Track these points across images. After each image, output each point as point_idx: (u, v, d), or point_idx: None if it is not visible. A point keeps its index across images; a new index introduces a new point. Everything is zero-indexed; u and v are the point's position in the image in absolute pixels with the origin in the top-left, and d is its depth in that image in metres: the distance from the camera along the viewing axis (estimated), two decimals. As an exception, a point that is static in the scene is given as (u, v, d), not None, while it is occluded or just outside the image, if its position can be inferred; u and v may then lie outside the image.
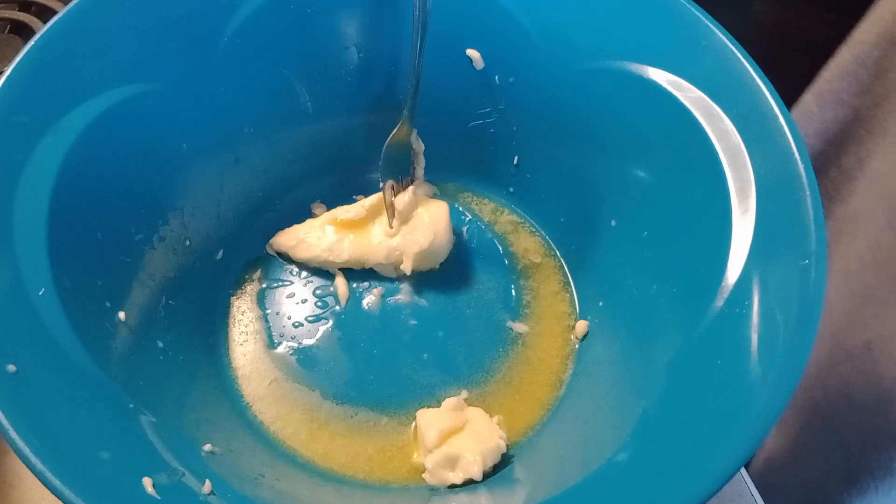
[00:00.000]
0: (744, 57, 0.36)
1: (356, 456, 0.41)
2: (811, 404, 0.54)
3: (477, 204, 0.51)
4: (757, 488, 0.42)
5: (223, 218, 0.47)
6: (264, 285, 0.48)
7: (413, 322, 0.46)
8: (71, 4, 0.38)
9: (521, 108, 0.46)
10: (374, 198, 0.47)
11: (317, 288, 0.48)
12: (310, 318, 0.46)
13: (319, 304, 0.47)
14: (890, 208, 0.50)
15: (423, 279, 0.48)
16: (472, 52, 0.45)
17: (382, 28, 0.46)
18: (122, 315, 0.38)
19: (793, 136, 0.34)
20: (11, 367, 0.30)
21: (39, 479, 0.28)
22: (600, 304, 0.45)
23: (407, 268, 0.46)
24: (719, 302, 0.34)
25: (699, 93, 0.37)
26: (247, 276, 0.48)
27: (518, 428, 0.42)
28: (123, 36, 0.39)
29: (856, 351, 0.52)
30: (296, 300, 0.47)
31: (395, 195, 0.47)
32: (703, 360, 0.34)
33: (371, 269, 0.48)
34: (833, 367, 0.53)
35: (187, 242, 0.44)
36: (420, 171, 0.50)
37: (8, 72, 0.35)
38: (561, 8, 0.42)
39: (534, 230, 0.50)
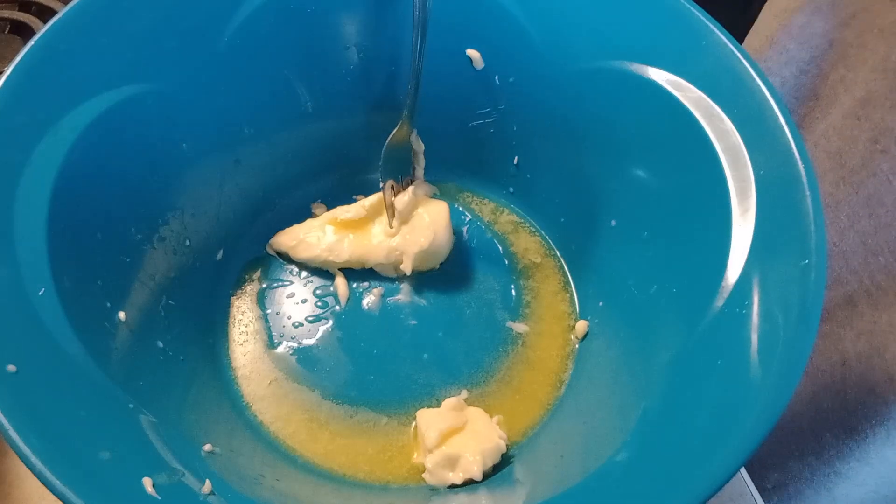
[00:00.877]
0: (744, 57, 0.36)
1: (356, 456, 0.41)
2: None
3: (477, 204, 0.51)
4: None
5: (223, 218, 0.47)
6: (264, 285, 0.48)
7: (413, 322, 0.46)
8: (71, 4, 0.38)
9: (521, 108, 0.46)
10: (374, 198, 0.47)
11: (317, 288, 0.48)
12: (310, 318, 0.46)
13: (319, 304, 0.47)
14: (839, 164, 0.50)
15: (423, 279, 0.48)
16: (472, 52, 0.45)
17: (382, 28, 0.46)
18: (122, 315, 0.38)
19: (793, 136, 0.34)
20: (11, 367, 0.30)
21: (39, 479, 0.28)
22: (600, 304, 0.45)
23: (407, 268, 0.46)
24: (719, 302, 0.34)
25: (699, 93, 0.37)
26: (247, 276, 0.48)
27: (518, 428, 0.42)
28: (124, 36, 0.39)
29: (835, 307, 0.52)
30: (296, 300, 0.47)
31: (395, 195, 0.47)
32: (703, 360, 0.34)
33: (371, 269, 0.48)
34: None
35: (187, 242, 0.44)
36: (420, 171, 0.50)
37: (8, 72, 0.35)
38: (561, 8, 0.42)
39: (534, 230, 0.50)
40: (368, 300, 0.47)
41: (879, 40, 0.45)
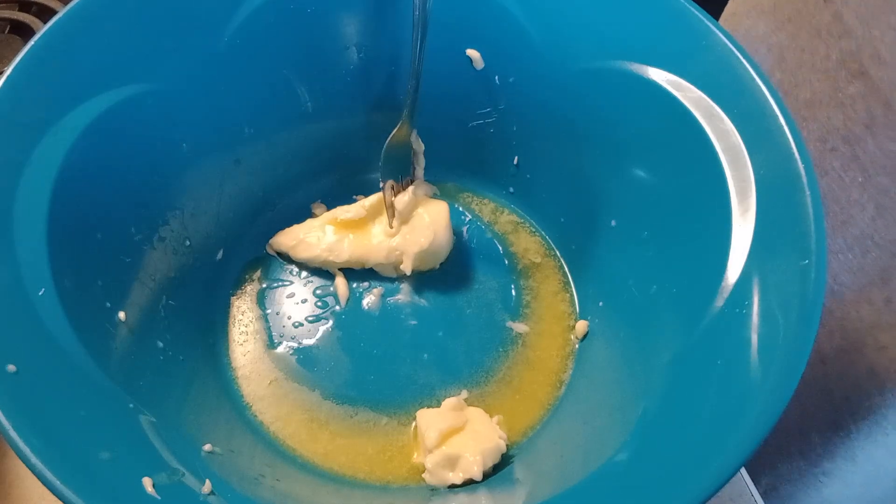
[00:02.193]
0: (744, 57, 0.36)
1: (356, 456, 0.41)
2: None
3: (477, 204, 0.51)
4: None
5: (223, 218, 0.47)
6: (264, 285, 0.48)
7: (413, 322, 0.46)
8: (71, 4, 0.38)
9: (521, 108, 0.46)
10: (374, 198, 0.47)
11: (317, 288, 0.48)
12: (310, 318, 0.46)
13: (319, 304, 0.47)
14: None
15: (423, 279, 0.48)
16: (472, 52, 0.45)
17: (382, 28, 0.46)
18: (122, 315, 0.38)
19: (793, 136, 0.34)
20: (11, 367, 0.30)
21: (39, 479, 0.28)
22: (600, 304, 0.45)
23: (407, 268, 0.46)
24: (719, 302, 0.34)
25: (699, 93, 0.37)
26: (247, 276, 0.48)
27: (518, 428, 0.42)
28: (123, 36, 0.39)
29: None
30: (296, 300, 0.47)
31: (395, 195, 0.47)
32: (703, 360, 0.34)
33: (371, 269, 0.48)
34: None
35: (187, 242, 0.44)
36: (420, 171, 0.50)
37: (8, 72, 0.35)
38: (561, 8, 0.42)
39: (534, 230, 0.50)
40: (368, 300, 0.47)
41: (817, 41, 0.45)
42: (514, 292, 0.47)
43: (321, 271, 0.48)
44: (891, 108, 0.41)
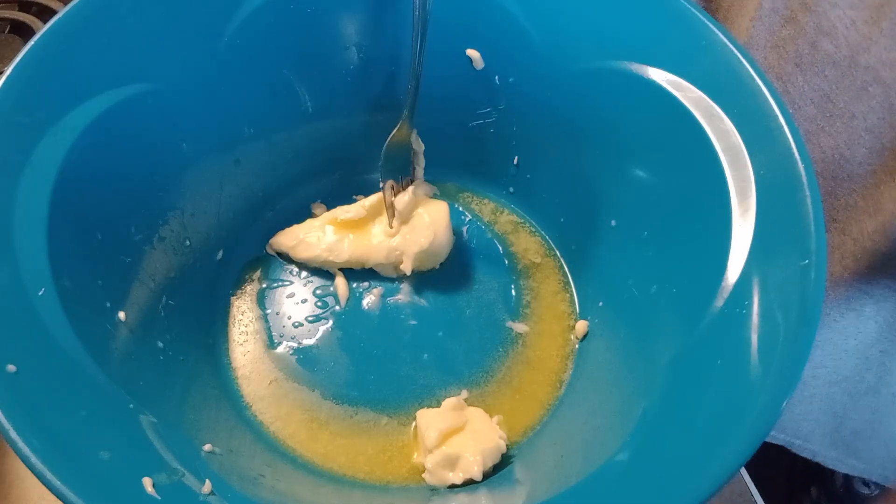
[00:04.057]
0: (744, 57, 0.36)
1: (356, 456, 0.41)
2: None
3: (477, 204, 0.51)
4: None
5: (223, 218, 0.47)
6: (264, 285, 0.48)
7: (413, 322, 0.46)
8: (71, 4, 0.38)
9: (521, 108, 0.46)
10: (374, 198, 0.47)
11: (317, 288, 0.48)
12: (310, 318, 0.46)
13: (319, 304, 0.47)
14: None
15: (423, 279, 0.48)
16: (472, 52, 0.45)
17: (382, 28, 0.46)
18: (122, 315, 0.38)
19: (793, 136, 0.34)
20: (11, 367, 0.30)
21: (39, 479, 0.28)
22: (600, 304, 0.45)
23: (407, 268, 0.46)
24: (719, 302, 0.34)
25: (699, 93, 0.37)
26: (247, 276, 0.48)
27: (518, 428, 0.42)
28: (123, 36, 0.39)
29: None
30: (296, 300, 0.47)
31: (395, 195, 0.47)
32: (703, 360, 0.34)
33: (371, 269, 0.48)
34: None
35: (187, 242, 0.44)
36: (420, 171, 0.50)
37: (8, 72, 0.35)
38: (561, 8, 0.42)
39: (534, 230, 0.50)
40: (368, 300, 0.47)
41: None
42: (514, 292, 0.47)
43: (321, 271, 0.48)
44: (816, 49, 0.45)
